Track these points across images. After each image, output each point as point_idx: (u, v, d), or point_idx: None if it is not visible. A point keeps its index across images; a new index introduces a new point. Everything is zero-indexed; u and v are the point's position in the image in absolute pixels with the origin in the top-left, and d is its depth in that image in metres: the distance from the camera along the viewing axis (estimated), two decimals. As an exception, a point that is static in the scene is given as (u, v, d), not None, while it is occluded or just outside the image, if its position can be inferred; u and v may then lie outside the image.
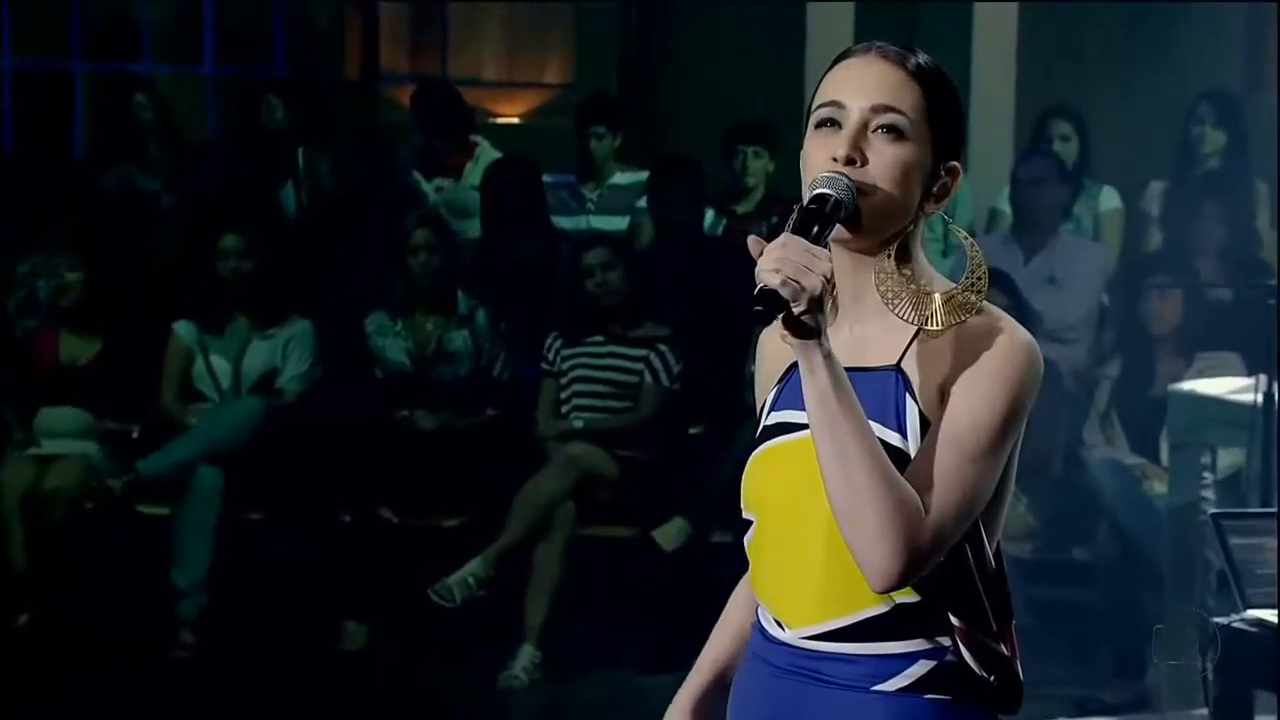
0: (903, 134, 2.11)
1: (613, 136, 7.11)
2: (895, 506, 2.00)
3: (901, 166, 2.10)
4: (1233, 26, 7.88)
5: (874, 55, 2.15)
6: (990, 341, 2.08)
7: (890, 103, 2.11)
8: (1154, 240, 6.76)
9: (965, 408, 2.05)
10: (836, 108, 2.13)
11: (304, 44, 8.72)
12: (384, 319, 6.33)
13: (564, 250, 6.54)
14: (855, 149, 2.10)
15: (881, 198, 2.09)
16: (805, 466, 2.09)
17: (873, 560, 2.01)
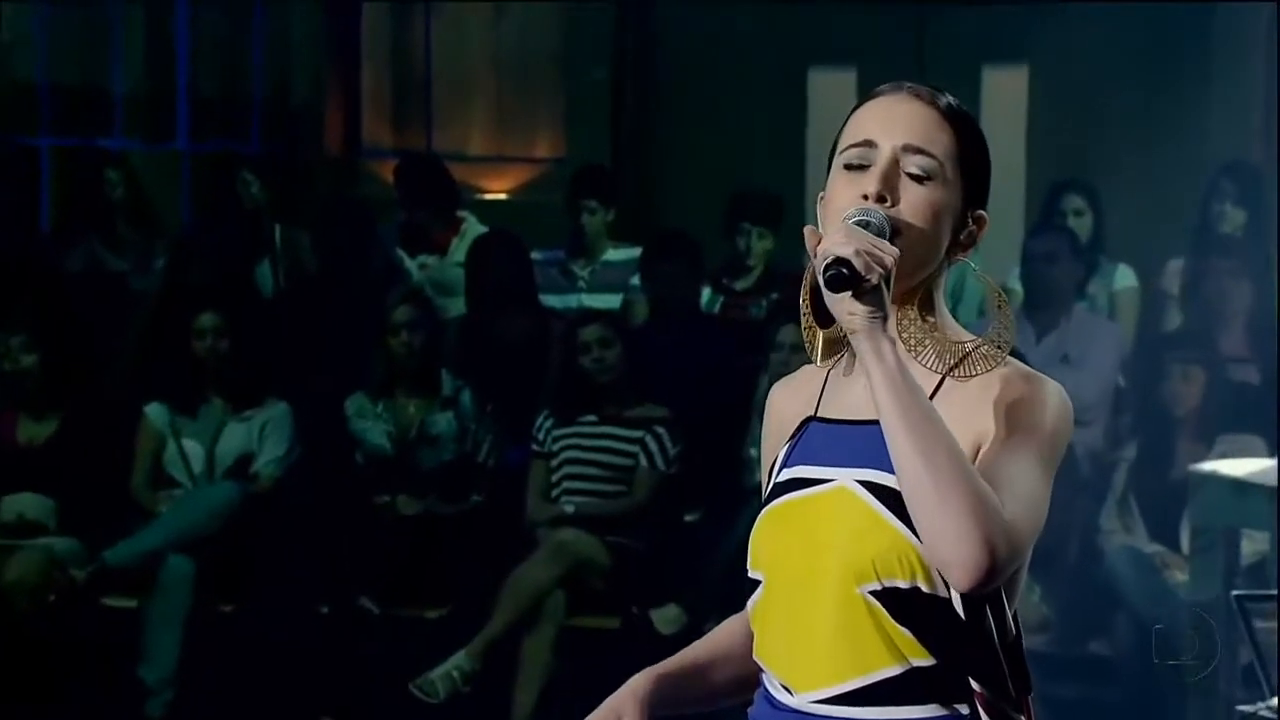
0: (934, 177, 2.14)
1: (605, 211, 7.16)
2: (983, 495, 1.98)
3: (933, 209, 2.14)
4: (1252, 98, 7.98)
5: (905, 94, 2.19)
6: (1021, 389, 2.12)
7: (923, 144, 2.15)
8: (1173, 320, 6.82)
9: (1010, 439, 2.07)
10: (868, 147, 2.16)
11: (282, 117, 8.80)
12: (364, 401, 6.36)
13: (556, 327, 6.59)
14: (887, 187, 2.13)
15: (913, 238, 2.12)
16: (820, 522, 2.12)
17: (962, 551, 1.97)
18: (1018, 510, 2.02)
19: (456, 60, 8.85)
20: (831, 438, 2.19)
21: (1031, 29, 8.21)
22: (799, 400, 2.25)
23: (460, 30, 8.86)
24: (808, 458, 2.18)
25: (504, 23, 8.77)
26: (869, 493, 2.12)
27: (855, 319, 2.03)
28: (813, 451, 2.18)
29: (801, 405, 2.24)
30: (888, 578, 2.09)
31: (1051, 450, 2.10)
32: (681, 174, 8.38)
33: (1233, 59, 7.97)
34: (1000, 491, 2.01)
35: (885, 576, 2.09)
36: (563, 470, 6.14)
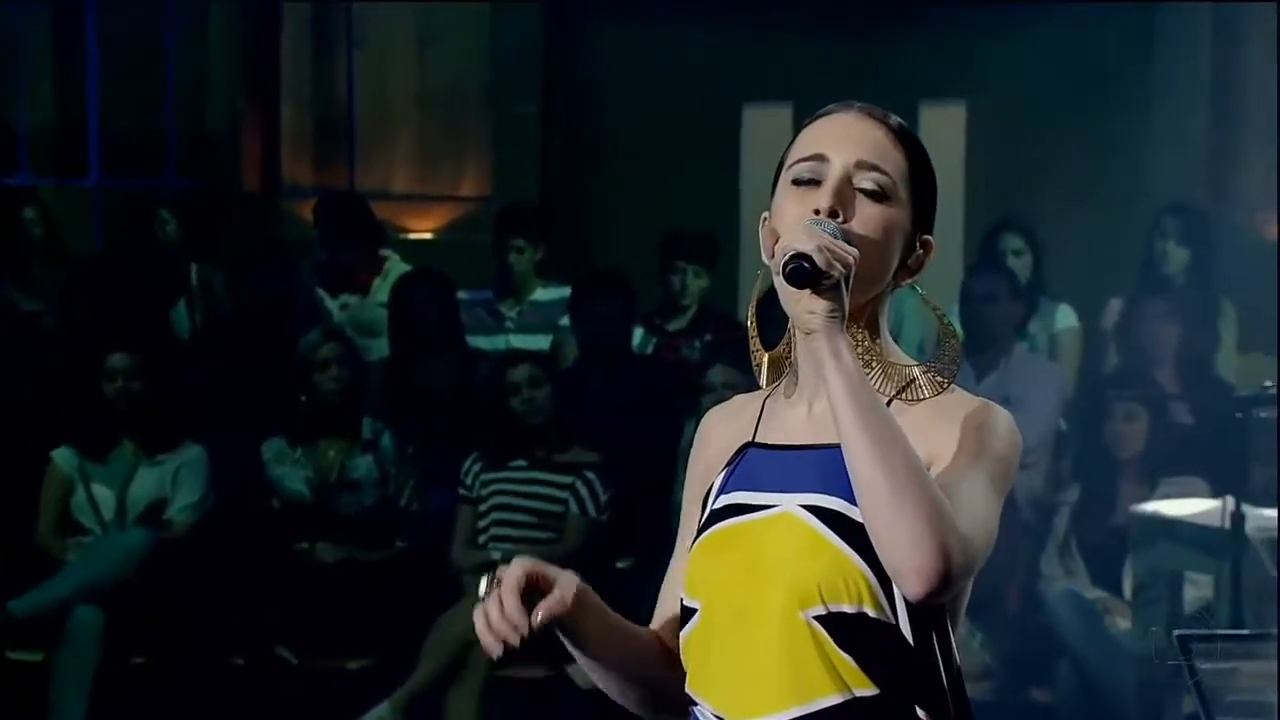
0: (887, 195, 2.16)
1: (533, 250, 7.17)
2: (938, 502, 2.00)
3: (885, 227, 2.15)
4: (1194, 137, 8.08)
5: (857, 113, 2.21)
6: (971, 415, 2.15)
7: (876, 161, 2.17)
8: (1113, 361, 6.88)
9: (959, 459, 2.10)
10: (819, 161, 2.17)
11: (199, 154, 8.79)
12: (282, 445, 6.34)
13: (483, 368, 6.59)
14: (840, 202, 2.14)
15: (864, 255, 2.11)
16: (763, 548, 2.13)
17: (916, 556, 1.98)
18: (970, 525, 2.04)
19: (380, 96, 8.87)
20: (772, 463, 2.19)
21: (969, 66, 8.29)
22: (735, 427, 2.25)
23: (384, 65, 8.87)
24: (747, 484, 2.19)
25: (429, 57, 8.80)
26: (814, 516, 2.13)
27: (815, 318, 2.04)
28: (752, 477, 2.19)
29: (737, 432, 2.24)
30: (833, 602, 2.10)
31: (1002, 474, 2.13)
32: (613, 212, 8.41)
33: (1175, 97, 8.07)
34: (953, 505, 2.03)
35: (830, 601, 2.10)
36: (491, 516, 6.13)
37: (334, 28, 8.92)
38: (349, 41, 8.91)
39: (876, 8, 8.10)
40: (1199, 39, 8.00)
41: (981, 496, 2.08)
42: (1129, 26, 8.14)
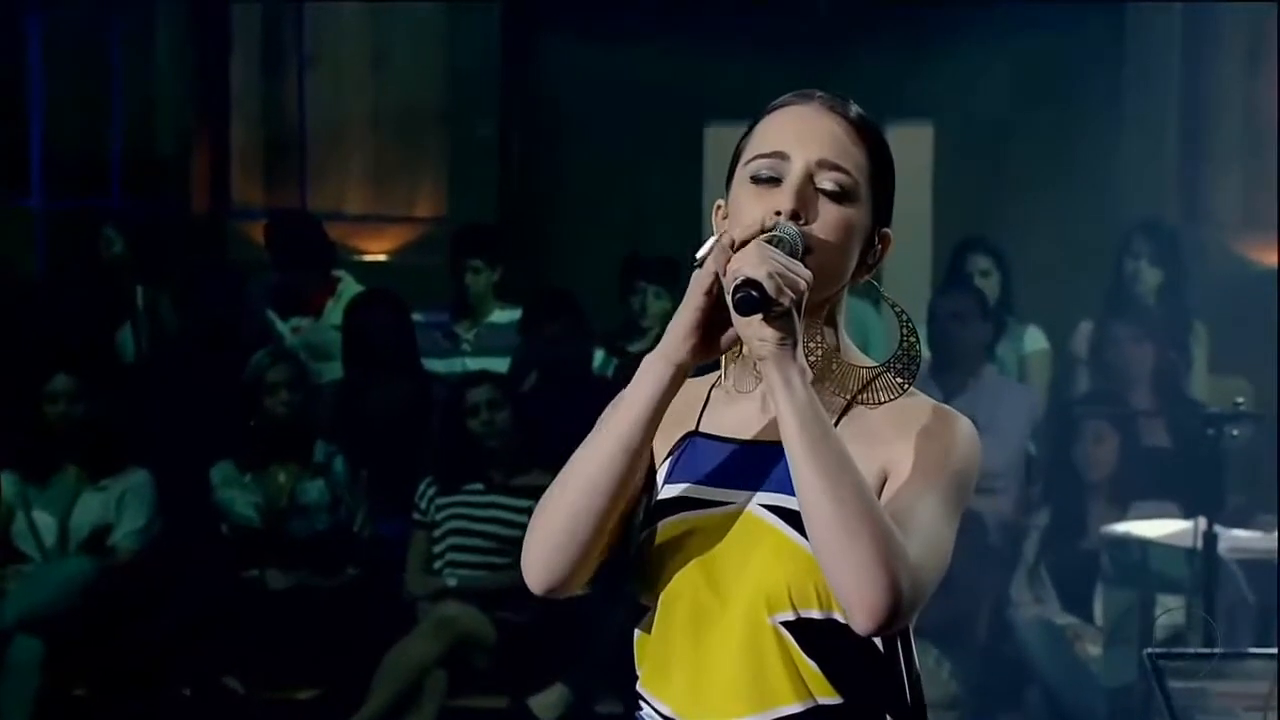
0: (849, 194, 2.15)
1: (490, 270, 7.18)
2: (889, 534, 2.01)
3: (847, 228, 2.15)
4: (1164, 155, 8.13)
5: (818, 106, 2.20)
6: (929, 423, 2.15)
7: (838, 160, 2.16)
8: (1084, 383, 6.90)
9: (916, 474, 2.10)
10: (779, 159, 2.16)
11: (145, 175, 8.77)
12: (230, 469, 6.33)
13: (440, 389, 6.58)
14: (802, 204, 2.13)
15: (825, 258, 2.13)
16: (725, 547, 2.13)
17: (865, 595, 2.01)
18: (922, 552, 2.05)
19: (333, 115, 8.86)
20: (724, 457, 2.19)
21: (935, 85, 8.33)
22: (674, 412, 2.22)
23: (337, 83, 8.87)
24: (695, 476, 2.18)
25: (384, 75, 8.80)
26: (778, 518, 2.13)
27: (765, 345, 2.04)
28: (700, 470, 2.18)
29: (678, 415, 2.21)
30: (803, 607, 2.11)
31: (959, 491, 2.14)
32: (573, 233, 8.42)
33: (1145, 115, 8.12)
34: (905, 530, 2.04)
35: (801, 606, 2.11)
36: (446, 541, 6.12)
37: (285, 45, 8.92)
38: (301, 59, 8.90)
39: (841, 27, 8.14)
40: (1168, 55, 8.05)
41: (936, 519, 2.09)
42: (1097, 43, 8.19)
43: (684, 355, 2.10)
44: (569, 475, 2.15)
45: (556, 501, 2.15)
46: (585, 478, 2.13)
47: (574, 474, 2.14)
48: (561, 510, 2.14)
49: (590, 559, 2.15)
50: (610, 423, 2.13)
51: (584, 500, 2.13)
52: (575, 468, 2.14)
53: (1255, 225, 7.76)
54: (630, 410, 2.12)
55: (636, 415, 2.11)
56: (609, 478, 2.11)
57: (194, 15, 8.87)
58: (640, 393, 2.11)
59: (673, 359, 2.10)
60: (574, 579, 2.17)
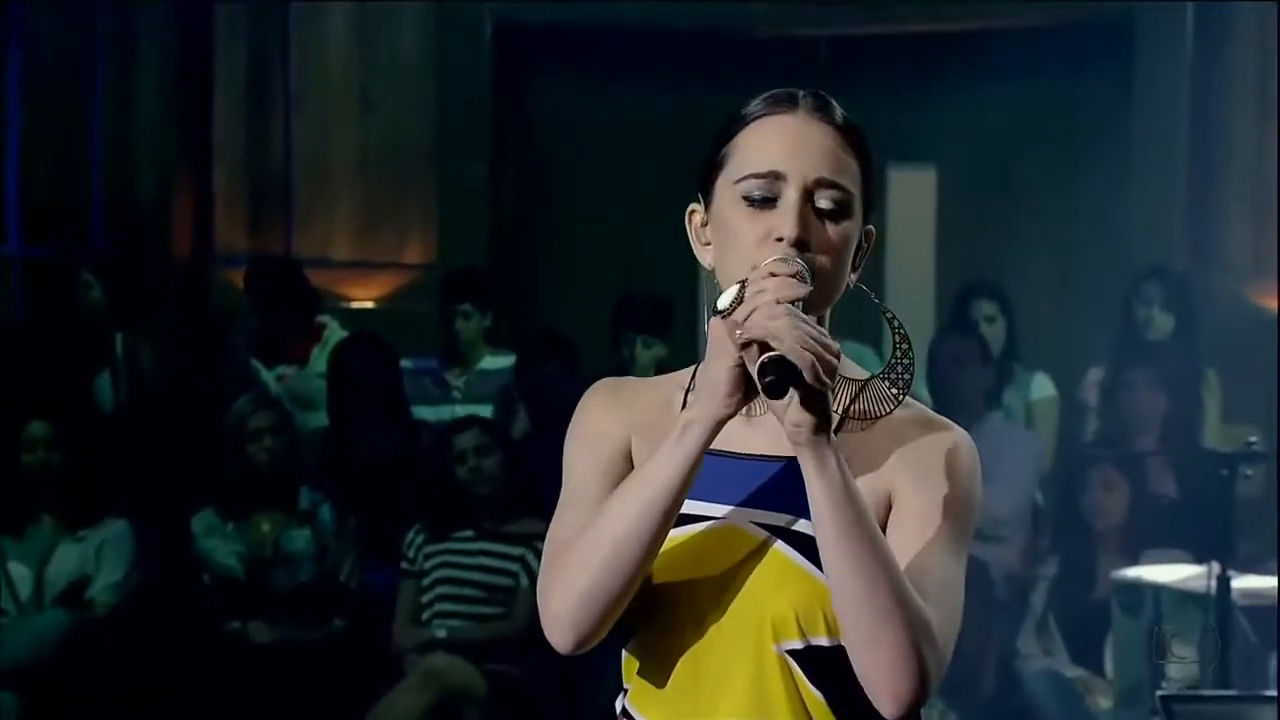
0: (845, 211, 2.15)
1: (481, 316, 7.21)
2: (918, 625, 2.04)
3: (845, 249, 2.14)
4: (1174, 199, 8.16)
5: (808, 115, 2.17)
6: (931, 443, 2.15)
7: (835, 178, 2.14)
8: (1092, 430, 6.92)
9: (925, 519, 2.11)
10: (774, 180, 2.14)
11: (125, 220, 8.78)
12: (213, 518, 6.34)
13: (428, 434, 6.60)
14: (805, 229, 2.11)
15: (826, 280, 2.12)
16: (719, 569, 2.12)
17: (893, 686, 2.04)
18: (942, 614, 2.07)
19: (319, 158, 8.88)
20: (712, 470, 2.15)
21: (938, 128, 8.37)
22: (655, 412, 2.19)
23: (323, 126, 8.90)
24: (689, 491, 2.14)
25: (371, 118, 8.84)
26: (778, 538, 2.12)
27: (800, 431, 2.02)
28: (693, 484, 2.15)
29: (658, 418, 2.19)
30: (812, 635, 2.10)
31: (968, 523, 2.15)
32: (564, 277, 8.45)
33: (1153, 158, 8.16)
34: (920, 584, 2.06)
35: (810, 633, 2.10)
36: (435, 590, 6.12)
37: (271, 86, 8.96)
38: (286, 101, 8.94)
39: (841, 69, 8.19)
40: (1177, 97, 8.09)
41: (949, 568, 2.10)
42: (1105, 85, 8.24)
43: (729, 410, 2.07)
44: (600, 538, 2.10)
45: (587, 559, 2.10)
46: (620, 542, 2.09)
47: (607, 537, 2.10)
48: (595, 573, 2.10)
49: (618, 614, 2.13)
50: (645, 484, 2.09)
51: (618, 560, 2.09)
52: (609, 526, 2.10)
53: (1267, 271, 7.79)
54: (669, 474, 2.08)
55: (675, 479, 2.08)
56: (645, 538, 2.09)
57: (177, 56, 8.91)
58: (681, 454, 2.08)
59: (715, 415, 2.07)
60: (602, 633, 2.15)
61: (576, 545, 2.12)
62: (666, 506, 2.08)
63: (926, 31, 8.40)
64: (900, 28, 8.48)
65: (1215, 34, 8.05)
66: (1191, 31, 8.12)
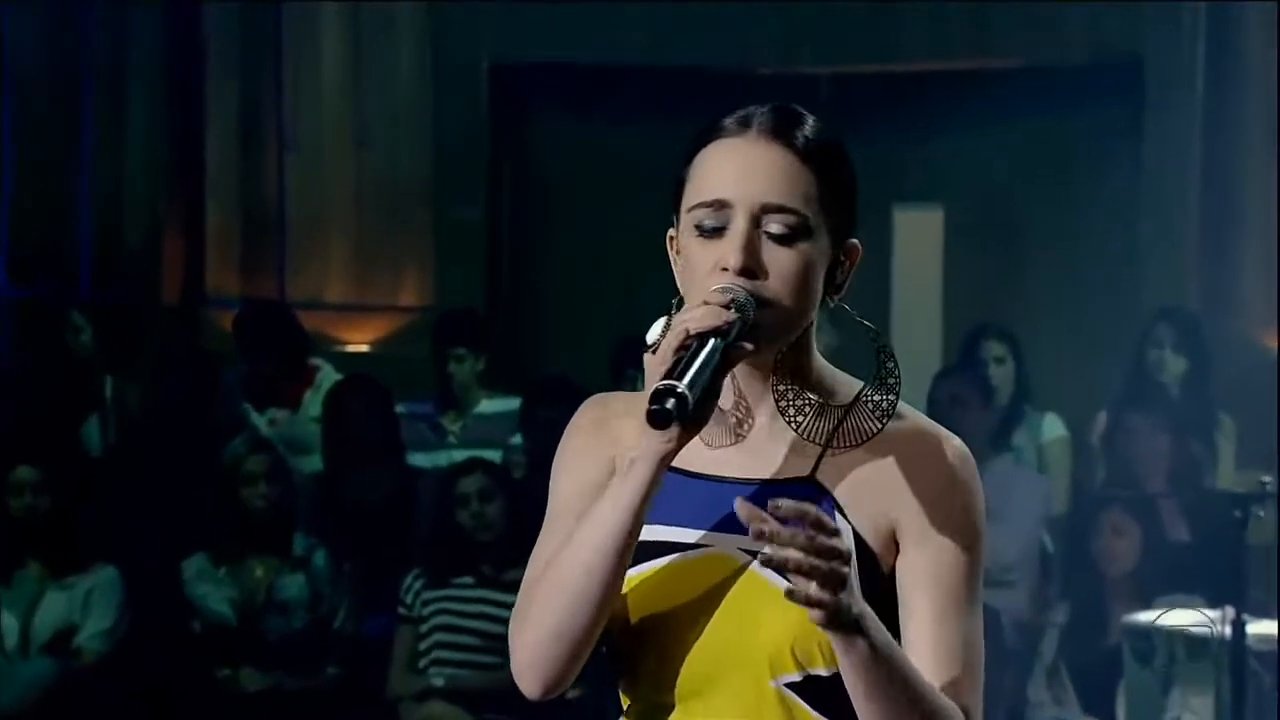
0: (799, 234, 2.12)
1: (475, 359, 7.21)
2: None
3: (801, 274, 2.12)
4: (1186, 239, 8.17)
5: (757, 135, 2.14)
6: (925, 456, 2.14)
7: (784, 201, 2.11)
8: (1102, 473, 6.91)
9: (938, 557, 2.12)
10: (720, 209, 2.12)
11: (114, 262, 8.80)
12: (204, 563, 6.34)
13: (429, 477, 6.61)
14: (751, 258, 2.10)
15: (782, 312, 2.11)
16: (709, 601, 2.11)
17: None
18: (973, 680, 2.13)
19: (313, 198, 8.91)
20: (695, 495, 2.16)
21: (945, 167, 8.39)
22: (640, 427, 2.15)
23: (317, 165, 8.92)
24: (670, 516, 2.16)
25: (366, 156, 8.86)
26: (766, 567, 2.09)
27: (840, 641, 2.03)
28: (673, 508, 2.16)
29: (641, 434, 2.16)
30: (810, 666, 2.11)
31: (979, 551, 2.15)
32: (564, 318, 8.46)
33: (1164, 197, 8.18)
34: (949, 664, 2.10)
35: (808, 665, 2.11)
36: (433, 638, 6.12)
37: (264, 126, 8.99)
38: (280, 140, 8.96)
39: (844, 108, 8.22)
40: (1188, 136, 8.12)
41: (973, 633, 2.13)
42: (1114, 123, 8.26)
43: (671, 445, 2.08)
44: (557, 579, 2.12)
45: (546, 604, 2.13)
46: (576, 581, 2.11)
47: (563, 576, 2.12)
48: (555, 616, 2.12)
49: (585, 655, 2.14)
50: (598, 522, 2.11)
51: (577, 603, 2.11)
52: (564, 570, 2.12)
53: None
54: (619, 512, 2.09)
55: (625, 516, 2.09)
56: (601, 579, 2.10)
57: (168, 94, 8.94)
58: (629, 490, 2.09)
59: (659, 451, 2.08)
60: (570, 677, 2.16)
61: (537, 588, 2.14)
62: (619, 545, 2.09)
63: (932, 70, 8.44)
64: (905, 66, 8.52)
65: (1226, 71, 8.07)
66: (1202, 68, 8.14)
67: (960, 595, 2.12)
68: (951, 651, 2.11)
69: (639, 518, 2.09)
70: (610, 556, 2.09)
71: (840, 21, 8.37)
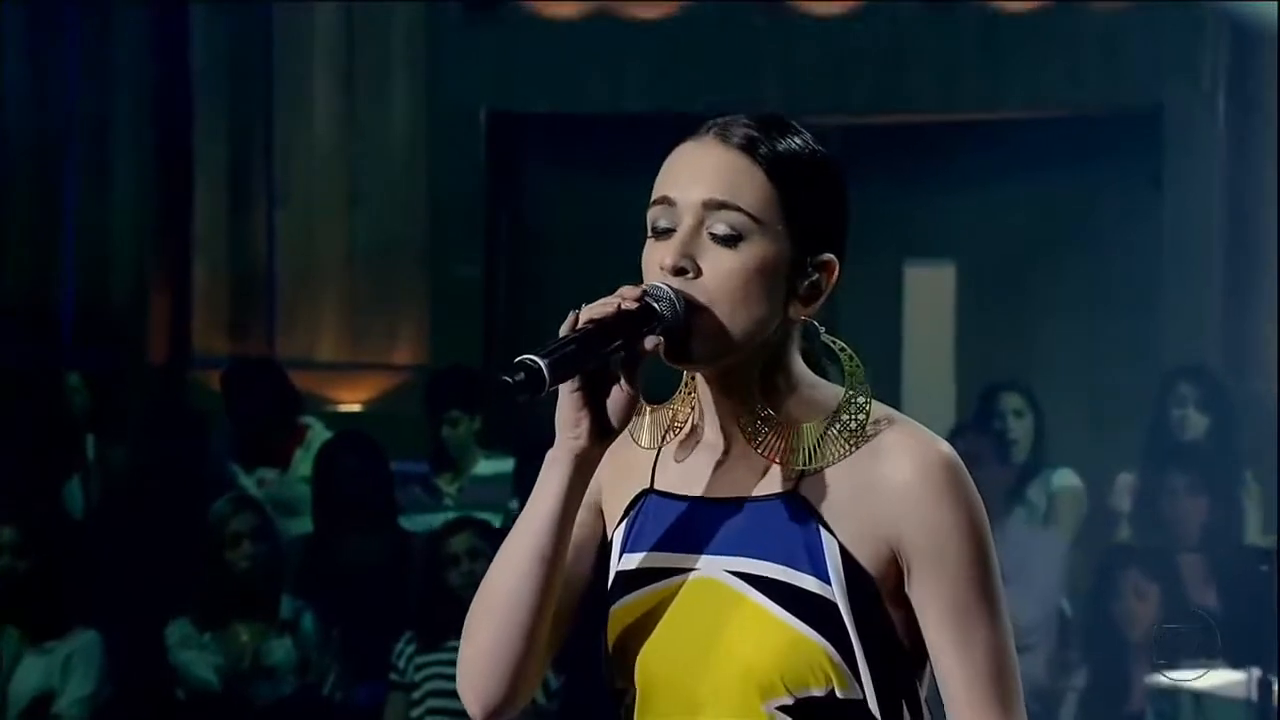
0: (744, 235, 2.11)
1: (470, 419, 7.20)
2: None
3: (744, 274, 2.10)
4: (1207, 298, 8.16)
5: (711, 138, 2.15)
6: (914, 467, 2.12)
7: (726, 198, 2.11)
8: (1123, 534, 6.89)
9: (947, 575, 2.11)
10: (666, 206, 2.15)
11: (100, 321, 8.80)
12: (188, 627, 6.31)
13: (420, 538, 6.58)
14: (685, 256, 2.11)
15: (715, 317, 2.10)
16: (698, 623, 2.11)
17: None
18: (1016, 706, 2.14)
19: (304, 254, 8.92)
20: (680, 517, 2.17)
21: (957, 221, 8.39)
22: (627, 465, 2.21)
23: (309, 221, 8.94)
24: (654, 541, 2.17)
25: (359, 212, 8.87)
26: (750, 586, 2.11)
27: None
28: (658, 533, 2.17)
29: (631, 467, 2.22)
30: (799, 689, 2.10)
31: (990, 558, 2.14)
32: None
33: (1184, 251, 8.17)
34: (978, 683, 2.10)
35: (796, 689, 2.10)
36: (426, 704, 6.09)
37: (253, 183, 9.00)
38: (270, 196, 8.98)
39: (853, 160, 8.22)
40: (1209, 189, 8.12)
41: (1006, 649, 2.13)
42: (1132, 176, 8.26)
43: (581, 443, 2.11)
44: (486, 592, 2.16)
45: (479, 621, 2.16)
46: (504, 595, 2.14)
47: (491, 591, 2.15)
48: (486, 630, 2.16)
49: (528, 674, 2.17)
50: (520, 531, 2.15)
51: (507, 617, 2.14)
52: (492, 583, 2.15)
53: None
54: (538, 518, 2.13)
55: (545, 522, 2.13)
56: (529, 591, 2.13)
57: (155, 149, 8.96)
58: (545, 494, 2.13)
59: (570, 449, 2.12)
60: (514, 696, 2.18)
61: (474, 611, 2.18)
62: (544, 552, 2.12)
63: (944, 121, 8.45)
64: (917, 117, 8.53)
65: (1249, 122, 8.08)
66: (1223, 118, 8.15)
67: (979, 609, 2.11)
68: (983, 673, 2.11)
69: (561, 520, 2.12)
70: (537, 564, 2.12)
71: (849, 71, 8.39)
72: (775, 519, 2.11)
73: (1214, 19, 8.14)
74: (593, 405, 2.11)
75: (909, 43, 8.36)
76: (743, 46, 8.45)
